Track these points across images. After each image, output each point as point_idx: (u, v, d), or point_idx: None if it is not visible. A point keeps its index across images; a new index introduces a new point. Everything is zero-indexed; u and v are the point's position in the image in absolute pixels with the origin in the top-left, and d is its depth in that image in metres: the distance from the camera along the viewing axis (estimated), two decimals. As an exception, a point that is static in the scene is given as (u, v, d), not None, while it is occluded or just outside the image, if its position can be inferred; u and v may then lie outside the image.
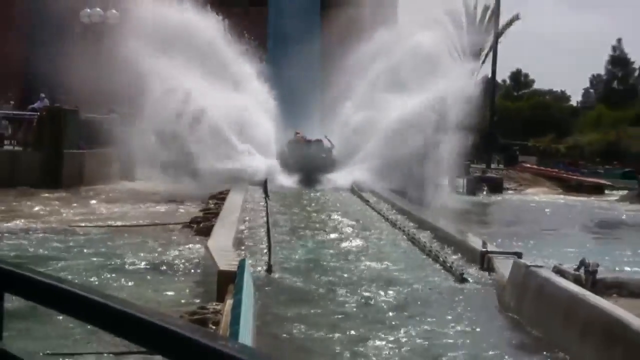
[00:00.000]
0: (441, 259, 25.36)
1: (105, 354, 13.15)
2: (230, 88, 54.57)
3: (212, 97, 51.94)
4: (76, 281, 18.83)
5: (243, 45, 67.40)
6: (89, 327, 2.75)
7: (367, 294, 20.86)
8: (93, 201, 40.86)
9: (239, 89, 56.16)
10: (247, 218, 33.20)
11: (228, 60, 57.40)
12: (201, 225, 31.56)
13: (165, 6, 54.37)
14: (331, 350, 16.08)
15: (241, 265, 17.13)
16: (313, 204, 40.52)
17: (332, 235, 30.64)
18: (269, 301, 19.14)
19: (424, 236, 30.05)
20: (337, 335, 16.51)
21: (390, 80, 55.70)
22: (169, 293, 20.60)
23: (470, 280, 22.54)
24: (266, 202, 36.40)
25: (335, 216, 35.99)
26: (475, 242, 26.78)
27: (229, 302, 15.59)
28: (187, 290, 20.78)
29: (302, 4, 73.68)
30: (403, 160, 50.01)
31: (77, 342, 14.11)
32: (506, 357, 15.76)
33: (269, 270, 22.32)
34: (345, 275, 23.25)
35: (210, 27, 57.60)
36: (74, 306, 2.70)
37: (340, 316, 18.21)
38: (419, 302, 20.37)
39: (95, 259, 24.67)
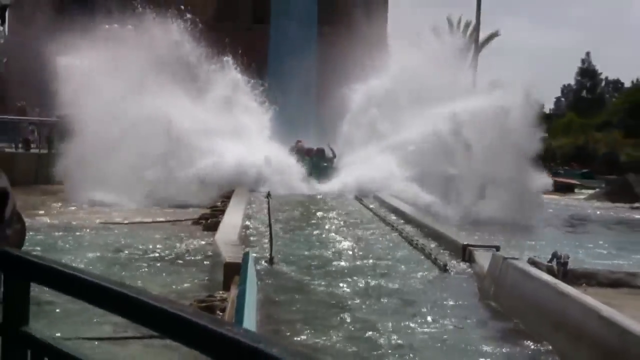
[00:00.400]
0: (427, 252, 25.39)
1: (121, 339, 13.13)
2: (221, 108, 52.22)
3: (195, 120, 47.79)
4: (100, 269, 18.88)
5: (246, 61, 67.67)
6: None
7: (359, 282, 20.92)
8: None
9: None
10: (250, 213, 33.26)
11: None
12: (209, 221, 31.68)
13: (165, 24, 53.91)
14: (326, 322, 16.23)
15: (245, 257, 17.15)
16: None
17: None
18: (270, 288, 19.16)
19: (411, 231, 30.11)
20: (333, 311, 16.57)
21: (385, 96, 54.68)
22: (181, 281, 20.65)
23: (453, 271, 22.61)
24: (268, 202, 36.35)
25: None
26: (458, 236, 26.80)
27: (234, 291, 15.58)
28: (196, 280, 20.81)
29: (300, 21, 73.61)
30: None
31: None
32: (483, 337, 15.78)
33: (271, 261, 22.34)
34: (342, 264, 23.37)
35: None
36: (92, 294, 2.69)
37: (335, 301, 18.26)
38: (405, 289, 20.46)
39: (115, 252, 24.81)
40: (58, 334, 12.62)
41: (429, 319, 17.23)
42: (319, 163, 52.04)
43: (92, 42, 46.61)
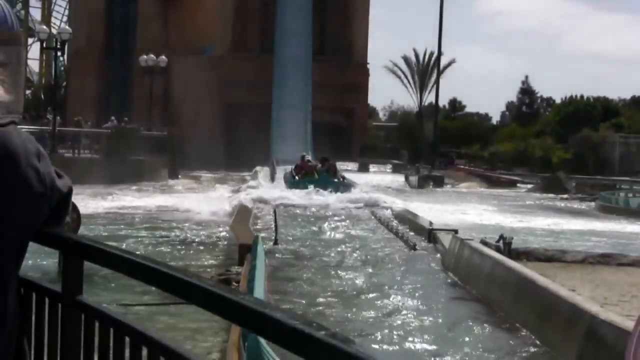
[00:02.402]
0: (400, 234, 25.45)
1: (155, 304, 13.14)
2: None
3: None
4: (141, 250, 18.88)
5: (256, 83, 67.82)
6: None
7: (347, 255, 21.06)
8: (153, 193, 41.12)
9: None
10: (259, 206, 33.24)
11: None
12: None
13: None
14: (315, 284, 16.35)
15: (255, 240, 17.18)
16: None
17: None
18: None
19: (387, 214, 30.24)
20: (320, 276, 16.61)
21: None
22: (206, 258, 20.73)
23: (419, 249, 22.72)
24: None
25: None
26: (424, 221, 26.86)
27: (247, 266, 15.58)
28: (219, 257, 20.88)
29: (298, 50, 73.67)
30: None
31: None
32: (443, 299, 15.87)
33: (276, 242, 22.38)
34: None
35: None
36: (133, 269, 2.71)
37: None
38: (383, 261, 20.64)
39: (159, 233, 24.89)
40: (107, 302, 12.64)
41: (401, 281, 17.39)
42: (327, 179, 40.48)
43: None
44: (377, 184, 50.85)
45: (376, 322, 13.75)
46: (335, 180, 40.37)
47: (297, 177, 41.11)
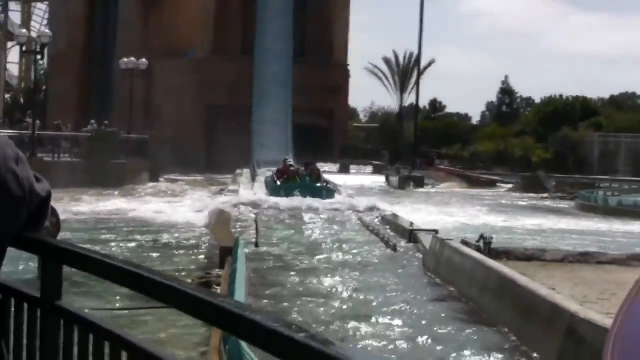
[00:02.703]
0: (381, 235, 25.46)
1: (135, 309, 13.11)
2: None
3: None
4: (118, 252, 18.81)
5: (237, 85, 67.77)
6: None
7: (328, 257, 21.07)
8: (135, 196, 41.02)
9: None
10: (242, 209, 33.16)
11: None
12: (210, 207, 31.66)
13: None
14: (296, 286, 16.37)
15: (237, 242, 17.13)
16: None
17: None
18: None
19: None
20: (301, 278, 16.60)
21: None
22: (185, 261, 20.69)
23: (401, 250, 22.74)
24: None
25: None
26: (405, 222, 26.90)
27: (228, 269, 15.57)
28: (199, 260, 20.84)
29: (279, 53, 73.59)
30: None
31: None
32: (423, 299, 15.87)
33: (257, 245, 22.34)
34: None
35: None
36: (112, 274, 2.70)
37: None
38: (363, 262, 20.67)
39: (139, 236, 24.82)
40: (86, 306, 12.59)
41: (380, 281, 17.42)
42: (310, 184, 37.34)
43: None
44: (358, 185, 50.81)
45: (355, 323, 13.74)
46: (319, 185, 37.20)
47: (278, 182, 37.74)
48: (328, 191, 36.61)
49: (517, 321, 12.93)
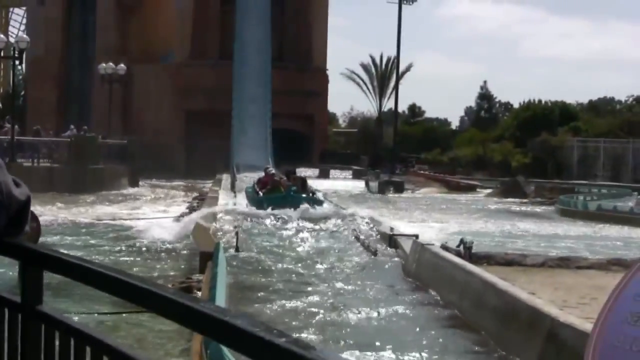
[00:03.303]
0: (361, 240, 25.47)
1: (115, 313, 13.07)
2: None
3: None
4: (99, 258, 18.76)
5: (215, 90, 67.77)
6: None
7: (308, 261, 21.06)
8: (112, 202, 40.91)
9: None
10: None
11: None
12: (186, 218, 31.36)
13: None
14: (276, 291, 16.37)
15: (217, 247, 17.10)
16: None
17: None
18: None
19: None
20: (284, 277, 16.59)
21: None
22: (167, 266, 20.65)
23: (380, 255, 22.76)
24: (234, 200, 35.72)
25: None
26: (385, 227, 26.89)
27: (208, 274, 15.54)
28: (180, 265, 20.81)
29: (258, 57, 73.55)
30: None
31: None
32: (403, 304, 15.87)
33: (237, 249, 22.29)
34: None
35: None
36: (92, 279, 2.70)
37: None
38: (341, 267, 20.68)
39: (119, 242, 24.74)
40: (67, 310, 12.55)
41: (363, 286, 17.40)
42: (295, 195, 32.50)
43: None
44: (338, 190, 50.82)
45: (333, 327, 13.74)
46: (304, 195, 32.73)
47: (260, 193, 33.47)
48: (315, 202, 32.57)
49: (497, 326, 12.95)
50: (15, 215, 2.85)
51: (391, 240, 24.11)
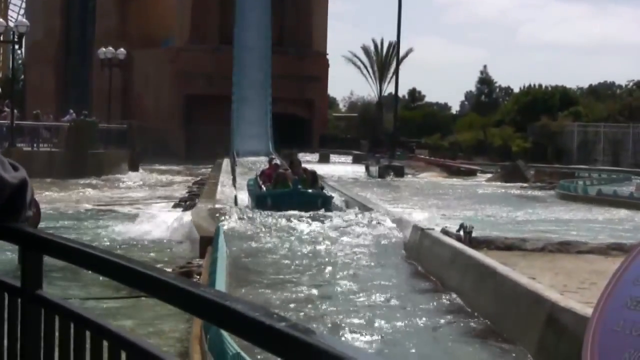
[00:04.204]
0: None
1: (116, 298, 13.09)
2: None
3: None
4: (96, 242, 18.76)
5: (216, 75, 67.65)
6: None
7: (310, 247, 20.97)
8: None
9: None
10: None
11: None
12: (187, 203, 31.39)
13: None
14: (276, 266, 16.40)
15: (217, 231, 17.07)
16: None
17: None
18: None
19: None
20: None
21: None
22: (167, 251, 20.65)
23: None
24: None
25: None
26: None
27: (208, 259, 15.56)
28: (180, 249, 20.81)
29: (258, 42, 73.41)
30: None
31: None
32: (402, 288, 15.89)
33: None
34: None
35: None
36: (94, 263, 2.70)
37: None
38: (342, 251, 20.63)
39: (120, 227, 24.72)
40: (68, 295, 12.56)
41: (363, 270, 17.39)
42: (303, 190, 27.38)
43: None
44: (338, 176, 50.78)
45: (335, 308, 13.74)
46: (311, 191, 27.57)
47: (264, 188, 28.68)
48: (324, 199, 27.83)
49: (497, 310, 12.96)
50: (11, 200, 2.84)
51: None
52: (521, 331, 11.73)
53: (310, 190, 27.58)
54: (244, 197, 30.41)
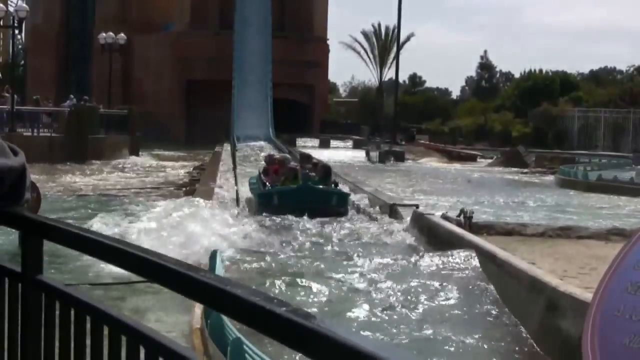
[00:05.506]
0: (360, 209, 25.41)
1: (116, 284, 13.10)
2: None
3: None
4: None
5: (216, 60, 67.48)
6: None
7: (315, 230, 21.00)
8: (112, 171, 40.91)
9: None
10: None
11: None
12: (187, 188, 31.54)
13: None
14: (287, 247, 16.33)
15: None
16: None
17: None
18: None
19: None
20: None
21: None
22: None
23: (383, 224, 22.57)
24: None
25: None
26: (386, 197, 26.77)
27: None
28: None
29: (258, 27, 73.23)
30: None
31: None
32: (399, 272, 15.89)
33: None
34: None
35: None
36: (95, 248, 2.70)
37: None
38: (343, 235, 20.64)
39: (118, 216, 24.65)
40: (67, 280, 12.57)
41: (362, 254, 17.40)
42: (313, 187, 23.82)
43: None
44: (339, 160, 50.73)
45: (338, 291, 13.75)
46: (322, 187, 24.06)
47: (268, 185, 24.95)
48: (340, 197, 24.66)
49: (497, 296, 12.97)
50: (12, 184, 2.85)
51: (392, 209, 23.96)
52: (522, 316, 11.75)
53: (321, 187, 24.22)
54: (244, 193, 27.86)
